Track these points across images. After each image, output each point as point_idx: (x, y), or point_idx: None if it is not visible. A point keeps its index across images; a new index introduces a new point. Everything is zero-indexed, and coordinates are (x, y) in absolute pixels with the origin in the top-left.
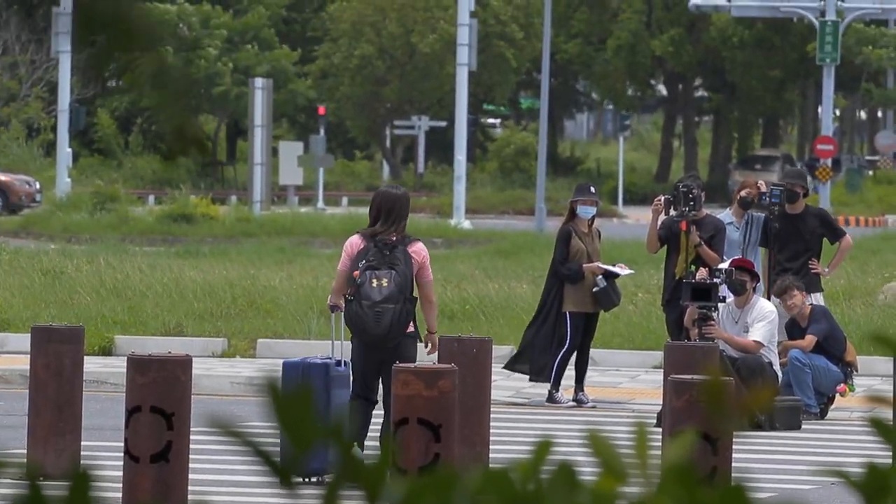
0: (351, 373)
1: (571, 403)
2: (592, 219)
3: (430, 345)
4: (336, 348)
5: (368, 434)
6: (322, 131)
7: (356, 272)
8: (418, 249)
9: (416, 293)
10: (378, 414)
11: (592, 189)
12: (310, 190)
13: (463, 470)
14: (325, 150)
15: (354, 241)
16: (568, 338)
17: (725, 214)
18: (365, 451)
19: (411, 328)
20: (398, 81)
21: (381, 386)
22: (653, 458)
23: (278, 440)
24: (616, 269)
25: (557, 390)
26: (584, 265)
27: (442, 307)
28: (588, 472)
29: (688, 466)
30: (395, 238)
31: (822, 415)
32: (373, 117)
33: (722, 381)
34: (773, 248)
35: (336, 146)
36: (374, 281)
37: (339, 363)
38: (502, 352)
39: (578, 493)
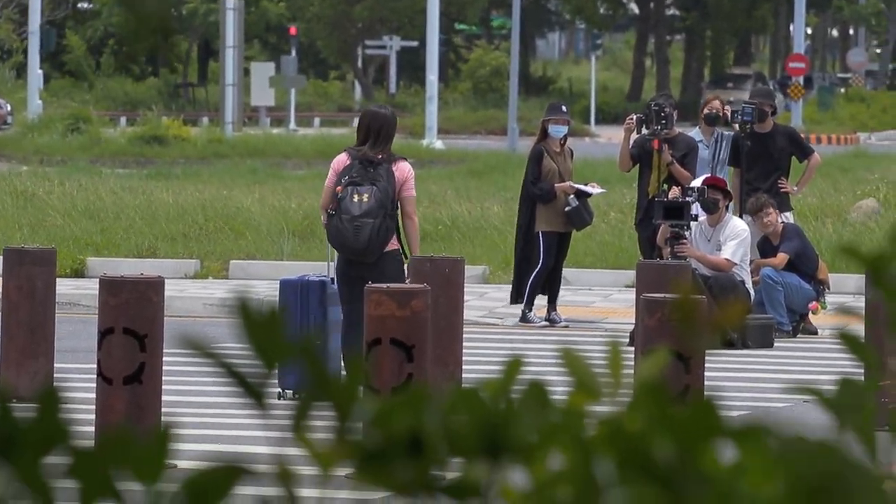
0: (338, 290)
1: (544, 323)
2: (564, 138)
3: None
4: (331, 267)
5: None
6: (293, 52)
7: (339, 187)
8: (402, 167)
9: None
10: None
11: (564, 108)
12: (282, 111)
13: (434, 389)
14: (297, 70)
15: (341, 158)
16: (541, 258)
17: (694, 133)
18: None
19: (394, 245)
20: (369, 0)
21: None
22: (625, 376)
23: (252, 359)
24: (588, 189)
25: (531, 310)
26: (556, 185)
27: None
28: (560, 391)
29: (659, 383)
30: (380, 156)
31: (795, 332)
32: (344, 37)
33: (692, 299)
34: (742, 167)
35: (308, 67)
36: (356, 196)
37: (333, 281)
38: (475, 271)
39: (550, 410)
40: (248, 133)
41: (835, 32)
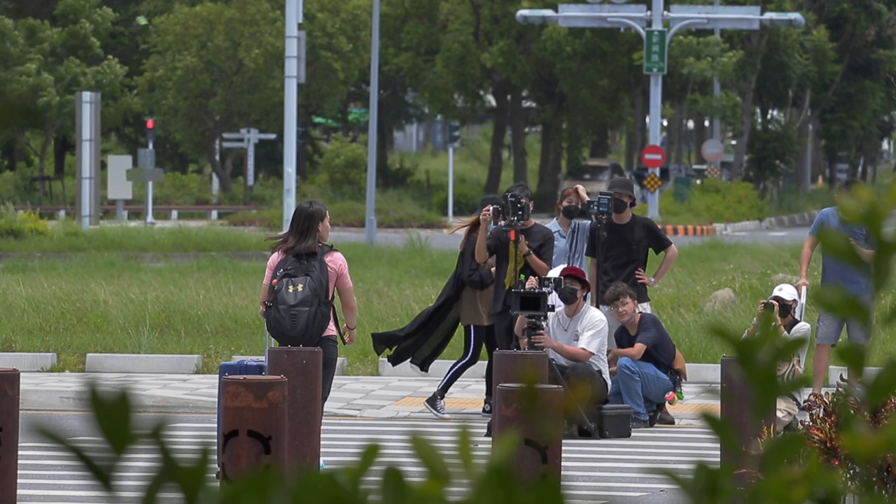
0: None
1: (446, 415)
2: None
3: (347, 337)
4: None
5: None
6: (151, 145)
7: (274, 280)
8: (335, 259)
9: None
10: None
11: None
12: (139, 204)
13: (283, 474)
14: (154, 163)
15: (275, 257)
16: (471, 351)
17: (552, 224)
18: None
19: (332, 331)
20: (225, 93)
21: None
22: (476, 461)
23: (100, 444)
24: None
25: (442, 398)
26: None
27: None
28: (417, 477)
29: (507, 467)
30: (311, 248)
31: (652, 422)
32: (201, 130)
33: (537, 386)
34: (599, 257)
35: (165, 159)
36: (290, 287)
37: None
38: None
39: (404, 495)
40: (105, 226)
41: (690, 124)
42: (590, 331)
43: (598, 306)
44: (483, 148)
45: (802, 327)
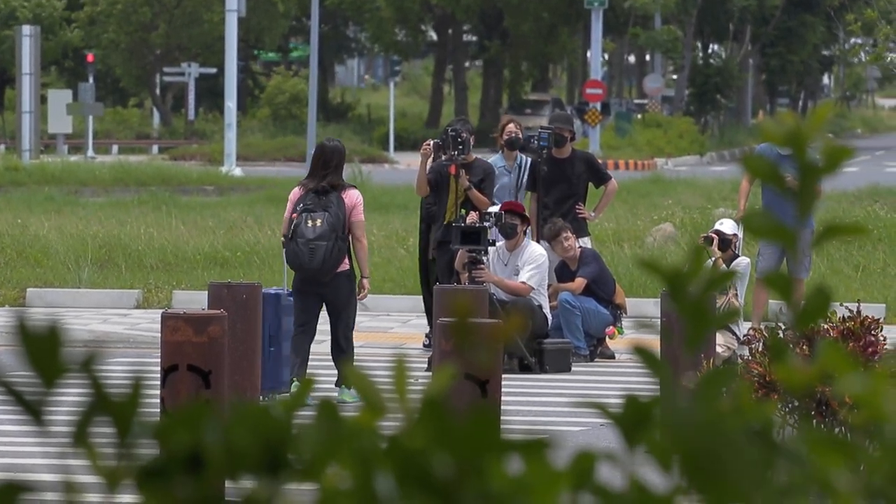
0: (293, 304)
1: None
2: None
3: (362, 289)
4: (285, 281)
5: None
6: (91, 79)
7: (294, 214)
8: (351, 194)
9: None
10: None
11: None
12: (80, 138)
13: (217, 406)
14: (95, 97)
15: (296, 191)
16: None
17: (496, 158)
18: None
19: (346, 266)
20: (165, 27)
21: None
22: (411, 394)
23: (34, 378)
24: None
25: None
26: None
27: (213, 254)
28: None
29: (442, 400)
30: (330, 184)
31: (592, 356)
32: (142, 64)
33: (472, 319)
34: (539, 192)
35: (106, 94)
36: (309, 221)
37: (289, 294)
38: None
39: (336, 427)
40: (45, 161)
41: (631, 59)
42: (530, 265)
43: (538, 241)
44: (424, 82)
45: (742, 261)
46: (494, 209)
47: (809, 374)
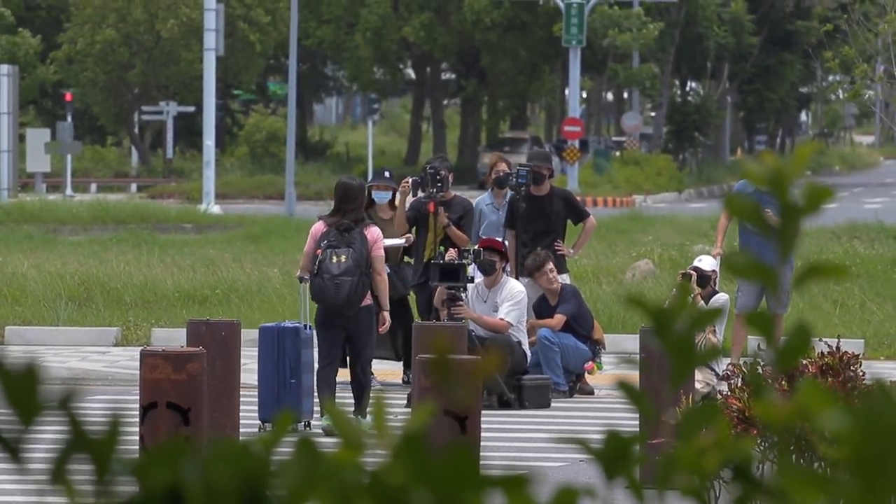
0: (317, 338)
1: (379, 386)
2: (391, 203)
3: (381, 322)
4: (302, 315)
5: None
6: (69, 118)
7: (319, 250)
8: (372, 231)
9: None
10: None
11: (388, 174)
12: (58, 177)
13: (196, 444)
14: (73, 136)
15: (318, 226)
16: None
17: (485, 196)
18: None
19: (369, 301)
20: (143, 66)
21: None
22: (391, 430)
23: (12, 416)
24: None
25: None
26: None
27: (192, 292)
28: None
29: (421, 436)
30: (353, 221)
31: (571, 392)
32: (120, 103)
33: (450, 356)
34: (518, 229)
35: (84, 132)
36: (334, 257)
37: (306, 327)
38: (252, 335)
39: (316, 463)
40: (24, 199)
41: (609, 96)
42: (509, 302)
43: (517, 278)
44: (403, 120)
45: (720, 298)
46: (473, 246)
47: (788, 409)
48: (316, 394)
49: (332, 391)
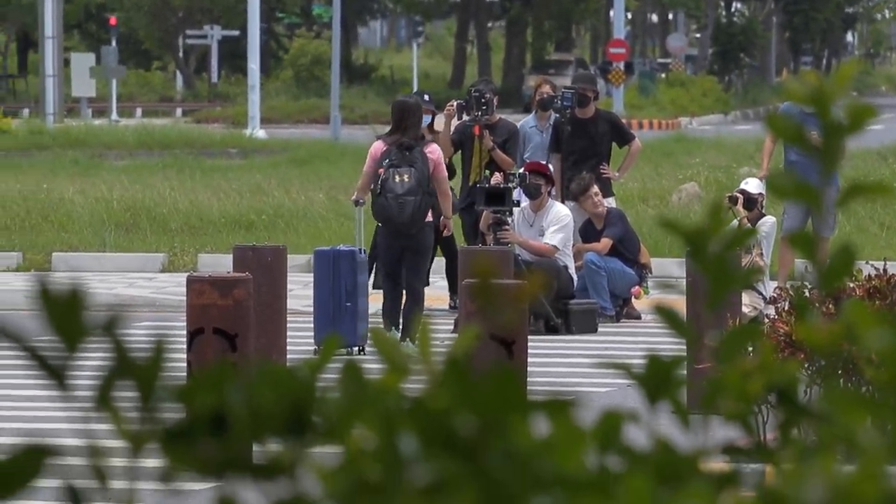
0: (378, 259)
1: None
2: (430, 125)
3: (443, 226)
4: (358, 239)
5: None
6: (114, 42)
7: (381, 170)
8: (433, 150)
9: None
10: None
11: (427, 97)
12: (103, 102)
13: (241, 368)
14: (118, 60)
15: (378, 145)
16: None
17: (529, 119)
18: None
19: (429, 218)
20: None
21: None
22: (436, 355)
23: (57, 342)
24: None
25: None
26: None
27: (238, 217)
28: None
29: (465, 360)
30: (413, 139)
31: (618, 317)
32: (164, 27)
33: (494, 279)
34: (563, 152)
35: (129, 57)
36: (397, 176)
37: (361, 251)
38: (298, 260)
39: (360, 388)
40: (69, 124)
41: (654, 17)
42: (555, 226)
43: (563, 201)
44: (447, 43)
45: (767, 220)
46: (518, 169)
47: (834, 332)
48: (382, 309)
49: (395, 309)
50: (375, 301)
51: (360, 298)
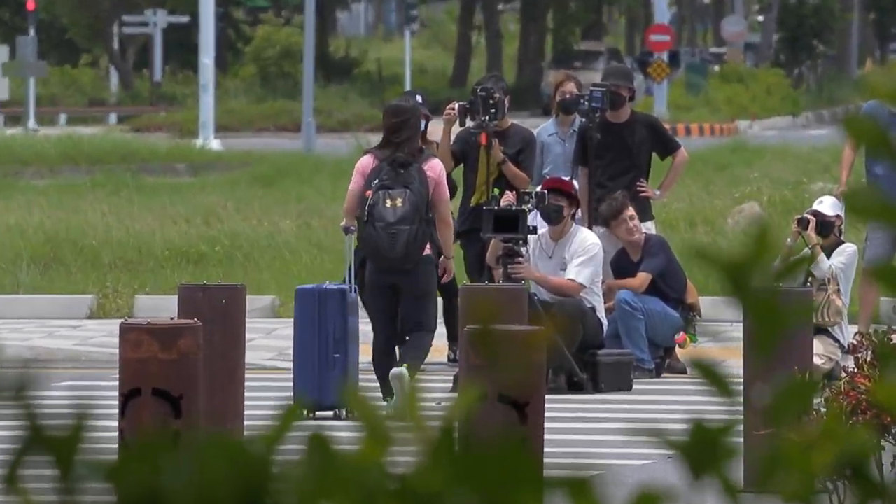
0: (364, 303)
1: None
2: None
3: (443, 269)
4: (349, 274)
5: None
6: (32, 31)
7: (368, 192)
8: (433, 166)
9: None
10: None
11: (419, 98)
12: (18, 106)
13: (186, 440)
14: (37, 55)
15: (366, 161)
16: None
17: (549, 124)
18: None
19: (428, 250)
20: None
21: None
22: (428, 421)
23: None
24: None
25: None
26: None
27: (186, 249)
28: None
29: (467, 427)
30: (409, 154)
31: (658, 371)
32: (95, 12)
33: (499, 326)
34: (591, 166)
35: (50, 50)
36: (388, 201)
37: (352, 289)
38: (260, 303)
39: (332, 465)
40: None
41: None
42: (580, 258)
43: (590, 227)
44: (448, 30)
45: (847, 249)
46: (536, 188)
47: None
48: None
49: (388, 364)
50: (367, 353)
51: (350, 347)
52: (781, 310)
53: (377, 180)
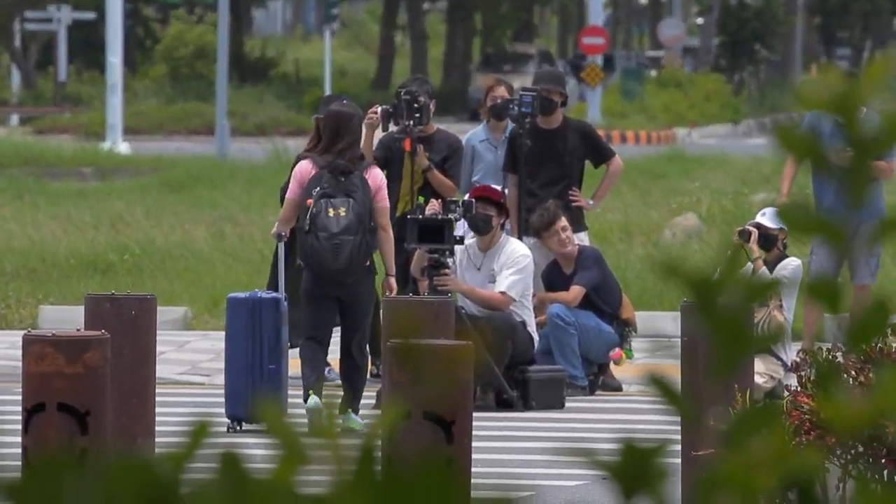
0: (302, 311)
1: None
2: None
3: (388, 289)
4: (281, 283)
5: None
6: None
7: (309, 200)
8: (374, 174)
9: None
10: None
11: (344, 101)
12: None
13: (92, 460)
14: None
15: (305, 167)
16: None
17: (479, 130)
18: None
19: (367, 261)
20: None
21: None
22: (344, 440)
23: None
24: None
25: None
26: None
27: (92, 258)
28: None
29: (389, 446)
30: (350, 161)
31: (592, 388)
32: None
33: (422, 341)
34: (521, 174)
35: None
36: (331, 210)
37: (286, 298)
38: (172, 314)
39: (244, 486)
40: None
41: None
42: (510, 269)
43: (520, 237)
44: (370, 31)
45: (790, 263)
46: (463, 196)
47: (866, 410)
48: (302, 377)
49: (319, 373)
50: (294, 367)
51: (283, 359)
52: (746, 331)
53: (318, 188)
